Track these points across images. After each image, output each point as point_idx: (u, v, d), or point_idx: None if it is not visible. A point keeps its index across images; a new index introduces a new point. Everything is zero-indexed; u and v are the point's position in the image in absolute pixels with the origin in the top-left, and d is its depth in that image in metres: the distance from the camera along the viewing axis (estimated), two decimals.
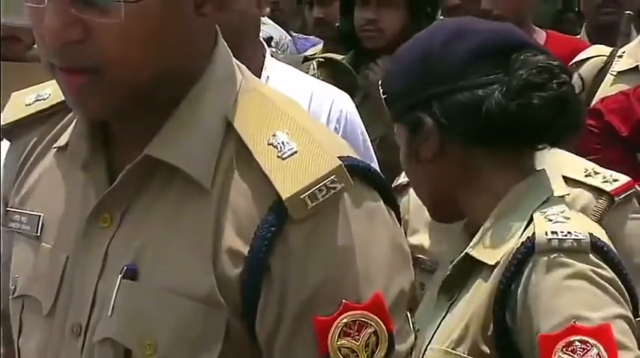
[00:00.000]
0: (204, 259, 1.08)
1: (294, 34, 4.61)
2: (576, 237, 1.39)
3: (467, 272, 1.47)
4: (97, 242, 1.13)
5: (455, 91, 1.49)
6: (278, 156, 1.09)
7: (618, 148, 2.53)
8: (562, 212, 1.45)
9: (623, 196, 1.80)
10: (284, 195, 1.06)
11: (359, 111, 2.38)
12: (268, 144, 1.10)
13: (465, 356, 1.42)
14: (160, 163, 1.11)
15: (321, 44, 3.88)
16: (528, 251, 1.40)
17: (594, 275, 1.38)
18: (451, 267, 1.49)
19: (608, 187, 1.83)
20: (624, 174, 2.01)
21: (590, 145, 2.56)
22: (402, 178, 2.05)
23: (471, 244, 1.48)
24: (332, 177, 1.07)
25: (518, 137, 1.49)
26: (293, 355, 1.09)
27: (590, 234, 1.41)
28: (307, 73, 2.96)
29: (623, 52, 2.88)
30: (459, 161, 1.52)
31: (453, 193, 1.54)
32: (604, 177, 1.85)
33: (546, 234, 1.40)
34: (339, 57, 2.99)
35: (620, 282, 1.40)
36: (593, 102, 2.83)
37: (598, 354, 1.31)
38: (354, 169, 1.10)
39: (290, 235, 1.07)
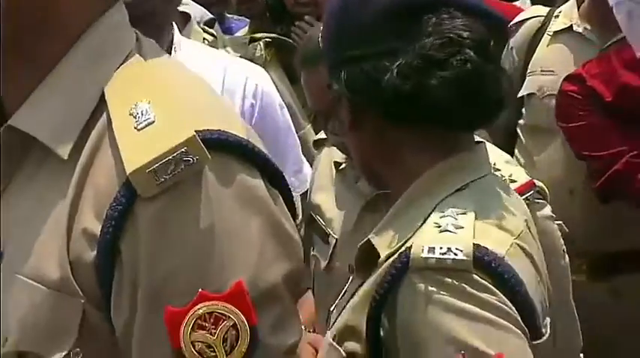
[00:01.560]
0: (58, 242, 0.98)
1: (229, 16, 4.53)
2: (455, 257, 1.20)
3: (370, 257, 1.31)
4: None
5: (361, 58, 1.32)
6: (134, 127, 0.98)
7: (603, 114, 2.48)
8: (459, 216, 1.26)
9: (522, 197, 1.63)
10: (128, 169, 0.95)
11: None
12: (129, 115, 1.00)
13: (341, 351, 1.29)
14: (26, 135, 1.01)
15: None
16: (403, 266, 1.23)
17: (471, 302, 1.20)
18: (358, 248, 1.35)
19: None
20: (608, 139, 1.97)
21: (573, 111, 2.53)
22: (322, 134, 2.02)
23: (375, 229, 1.33)
24: (182, 149, 0.95)
25: (420, 119, 1.32)
26: (148, 352, 0.97)
27: (477, 248, 1.21)
28: (254, 54, 2.92)
29: (560, 12, 2.85)
30: (375, 133, 1.36)
31: (376, 165, 1.40)
32: (502, 176, 1.71)
33: (422, 250, 1.21)
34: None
35: (508, 301, 1.22)
36: (531, 62, 2.80)
37: None
38: (225, 144, 0.99)
39: (140, 215, 0.96)
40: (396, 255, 1.26)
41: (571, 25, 2.77)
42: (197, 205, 0.97)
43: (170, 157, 0.95)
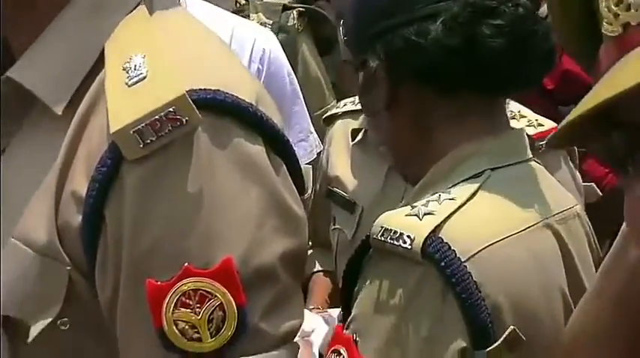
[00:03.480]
0: (47, 203, 0.90)
1: None
2: (402, 244, 1.13)
3: None
4: None
5: (399, 26, 1.26)
6: (125, 83, 0.90)
7: (546, 101, 2.43)
8: (443, 202, 1.17)
9: (545, 141, 1.67)
10: (112, 128, 0.87)
11: None
12: (122, 69, 0.91)
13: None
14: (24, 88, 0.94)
15: None
16: (365, 242, 1.20)
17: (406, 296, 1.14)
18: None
19: (531, 131, 1.72)
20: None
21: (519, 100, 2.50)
22: (334, 110, 1.96)
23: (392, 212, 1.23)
24: (170, 108, 0.86)
25: (472, 80, 1.25)
26: (132, 329, 0.89)
27: (430, 240, 1.13)
28: (287, 22, 2.85)
29: None
30: (412, 109, 1.29)
31: (409, 150, 1.32)
32: (529, 121, 1.76)
33: (379, 231, 1.16)
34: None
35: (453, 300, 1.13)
36: None
37: None
38: (222, 105, 0.90)
39: (125, 179, 0.87)
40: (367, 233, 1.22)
41: None
42: (186, 170, 0.88)
43: (157, 117, 0.86)
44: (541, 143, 1.64)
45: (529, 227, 1.20)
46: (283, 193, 0.94)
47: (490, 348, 1.13)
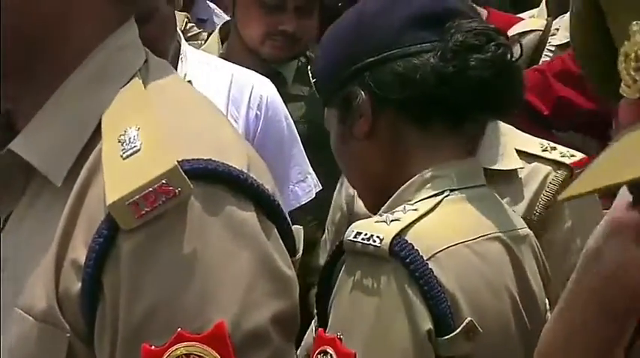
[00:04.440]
0: (48, 272, 0.94)
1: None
2: (373, 243, 1.31)
3: None
4: None
5: (389, 60, 1.42)
6: (120, 156, 0.93)
7: (540, 126, 2.48)
8: (407, 212, 1.35)
9: (562, 196, 1.76)
10: (108, 201, 0.90)
11: None
12: (118, 142, 0.95)
13: None
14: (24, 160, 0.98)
15: None
16: (339, 246, 1.37)
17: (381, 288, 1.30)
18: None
19: (566, 160, 1.82)
20: None
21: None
22: None
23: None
24: (163, 180, 0.89)
25: (455, 105, 1.42)
26: None
27: (396, 240, 1.30)
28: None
29: (559, 26, 2.85)
30: (390, 139, 1.45)
31: (382, 176, 1.47)
32: (561, 153, 1.84)
33: (351, 234, 1.33)
34: None
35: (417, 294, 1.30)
36: None
37: None
38: (214, 174, 0.93)
39: (122, 248, 0.90)
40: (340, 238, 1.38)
41: None
42: (180, 238, 0.91)
43: (150, 189, 0.90)
44: (578, 171, 1.75)
45: (480, 237, 1.39)
46: (274, 256, 0.96)
47: (450, 335, 1.30)
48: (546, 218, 1.78)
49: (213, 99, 2.08)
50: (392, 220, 1.33)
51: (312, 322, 1.52)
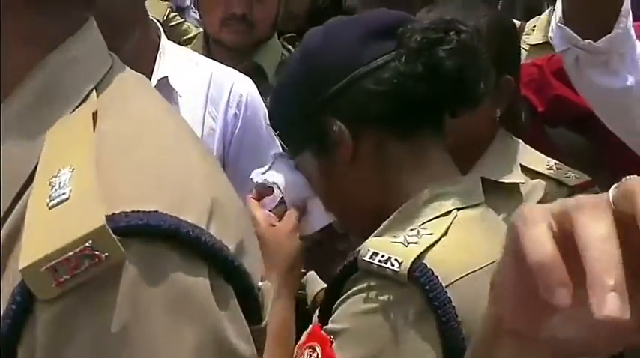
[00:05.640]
0: None
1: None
2: (391, 267, 1.26)
3: None
4: None
5: (355, 81, 1.38)
6: (47, 203, 0.76)
7: (535, 123, 2.47)
8: (422, 236, 1.30)
9: (584, 192, 1.74)
10: (21, 264, 0.73)
11: None
12: (49, 185, 0.78)
13: None
14: None
15: None
16: (351, 264, 1.32)
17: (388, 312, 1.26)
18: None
19: (569, 182, 1.83)
20: (539, 149, 1.98)
21: None
22: None
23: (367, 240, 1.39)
24: (87, 243, 0.72)
25: (434, 102, 1.39)
26: None
27: (415, 264, 1.26)
28: None
29: (534, 27, 2.89)
30: (376, 161, 1.41)
31: (369, 200, 1.43)
32: (566, 173, 1.85)
33: (367, 253, 1.29)
34: None
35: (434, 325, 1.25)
36: None
37: None
38: (158, 232, 0.77)
39: (39, 317, 0.74)
40: (353, 254, 1.33)
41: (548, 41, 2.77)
42: (107, 311, 0.75)
43: (71, 253, 0.72)
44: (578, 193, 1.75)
45: (492, 263, 1.28)
46: (226, 331, 0.81)
47: None
48: None
49: (192, 96, 2.09)
50: (410, 242, 1.29)
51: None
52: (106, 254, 0.73)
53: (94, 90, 0.88)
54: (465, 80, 1.38)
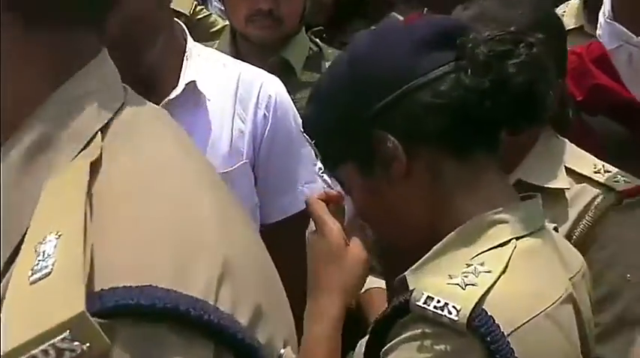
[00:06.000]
0: None
1: None
2: (448, 315, 1.15)
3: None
4: None
5: (410, 93, 1.28)
6: (29, 277, 0.68)
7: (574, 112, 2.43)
8: (480, 274, 1.19)
9: (633, 199, 1.68)
10: (2, 350, 0.65)
11: None
12: (34, 252, 0.70)
13: None
14: None
15: None
16: (402, 305, 1.21)
17: None
18: (397, 279, 1.34)
19: (617, 186, 1.73)
20: (573, 136, 1.93)
21: None
22: None
23: (413, 266, 1.30)
24: (65, 332, 0.64)
25: (495, 121, 1.30)
26: None
27: (475, 312, 1.15)
28: None
29: (563, 12, 2.82)
30: (429, 179, 1.31)
31: (426, 219, 1.33)
32: (615, 177, 1.74)
33: (421, 298, 1.17)
34: None
35: None
36: None
37: None
38: (154, 311, 0.68)
39: None
40: (404, 295, 1.22)
41: (582, 26, 2.68)
42: None
43: (49, 343, 0.64)
44: (628, 200, 1.69)
45: (555, 301, 1.26)
46: None
47: None
48: (583, 243, 1.68)
49: (220, 99, 2.07)
50: (467, 284, 1.18)
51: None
52: (87, 345, 0.64)
53: (99, 133, 0.80)
54: (533, 97, 1.29)
